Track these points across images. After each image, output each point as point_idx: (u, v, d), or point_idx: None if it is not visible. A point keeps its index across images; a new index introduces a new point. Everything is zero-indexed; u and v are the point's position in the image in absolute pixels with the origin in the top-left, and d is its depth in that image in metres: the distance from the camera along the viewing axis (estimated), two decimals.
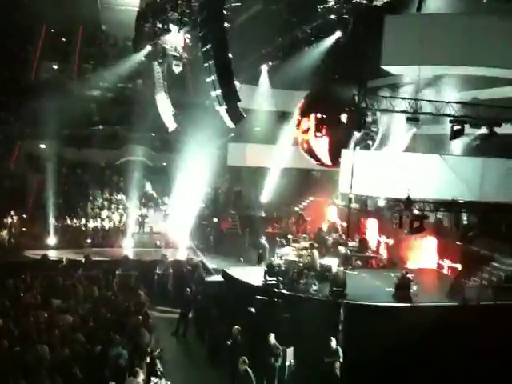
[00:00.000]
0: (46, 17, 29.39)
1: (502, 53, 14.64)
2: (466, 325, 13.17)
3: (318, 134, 20.98)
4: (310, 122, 21.29)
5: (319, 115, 21.08)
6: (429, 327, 13.23)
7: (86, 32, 31.43)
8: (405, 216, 14.92)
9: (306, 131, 21.56)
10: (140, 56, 25.78)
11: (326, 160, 21.14)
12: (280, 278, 15.44)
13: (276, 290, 15.09)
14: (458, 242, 17.39)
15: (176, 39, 23.15)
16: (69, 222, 23.39)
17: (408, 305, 14.20)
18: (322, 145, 21.26)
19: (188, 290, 16.46)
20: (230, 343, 12.81)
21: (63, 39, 31.49)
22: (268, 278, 15.54)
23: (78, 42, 31.43)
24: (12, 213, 23.28)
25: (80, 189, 26.97)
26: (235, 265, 17.78)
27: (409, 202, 14.70)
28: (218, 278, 17.24)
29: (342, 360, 12.50)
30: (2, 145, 27.65)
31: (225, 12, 18.17)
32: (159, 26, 22.41)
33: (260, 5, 21.06)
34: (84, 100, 29.16)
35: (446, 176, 15.37)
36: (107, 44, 32.06)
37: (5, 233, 21.59)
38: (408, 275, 14.80)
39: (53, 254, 19.30)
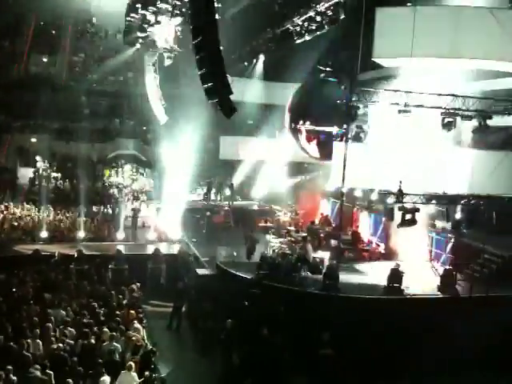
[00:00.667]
0: (35, 9, 29.15)
1: (491, 45, 14.68)
2: (457, 316, 13.30)
3: (308, 143, 21.51)
4: (301, 128, 21.56)
5: (309, 125, 21.26)
6: (420, 319, 13.38)
7: (76, 24, 31.18)
8: (396, 208, 15.00)
9: (298, 132, 21.78)
10: (130, 48, 25.65)
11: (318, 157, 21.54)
12: (273, 271, 15.47)
13: (269, 282, 15.11)
14: (449, 235, 17.49)
15: (167, 31, 23.04)
16: (60, 216, 23.24)
17: (400, 297, 14.28)
18: (312, 149, 21.77)
19: (181, 283, 16.47)
20: (223, 336, 12.83)
21: (53, 32, 31.19)
22: (261, 271, 15.57)
23: (68, 35, 31.17)
24: (2, 207, 23.18)
25: (71, 182, 26.82)
26: (228, 258, 17.76)
27: (400, 195, 14.76)
28: (211, 271, 17.22)
29: (334, 352, 12.56)
30: None
31: (216, 4, 18.11)
32: (150, 17, 22.28)
33: None
34: (74, 93, 29.01)
35: (437, 169, 15.42)
36: (97, 36, 31.82)
37: None
38: (400, 268, 14.86)
39: (45, 249, 19.19)
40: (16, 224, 21.88)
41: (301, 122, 21.78)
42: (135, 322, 12.66)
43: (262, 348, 12.42)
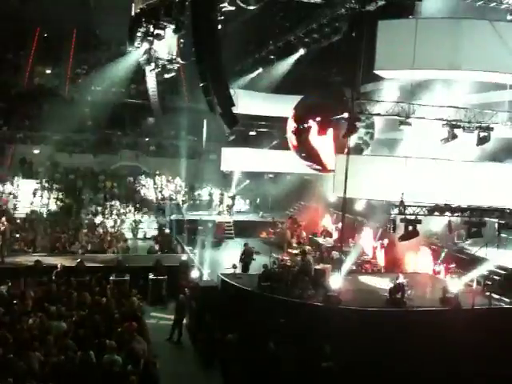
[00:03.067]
0: (39, 21, 29.41)
1: (493, 57, 14.75)
2: (460, 329, 13.20)
3: (321, 135, 20.92)
4: (311, 124, 21.31)
5: (320, 118, 21.10)
6: (423, 332, 13.28)
7: (80, 37, 31.43)
8: (398, 220, 14.96)
9: (307, 132, 21.54)
10: (133, 61, 25.81)
11: (330, 162, 20.85)
12: (275, 283, 15.41)
13: (270, 294, 15.04)
14: (451, 247, 17.43)
15: (169, 44, 23.20)
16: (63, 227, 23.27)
17: (402, 309, 14.19)
18: (326, 145, 21.27)
19: (182, 295, 16.40)
20: (223, 349, 12.75)
21: (56, 44, 31.44)
22: (263, 282, 15.51)
23: (71, 47, 31.42)
24: (3, 219, 23.19)
25: (74, 194, 26.89)
26: (230, 270, 17.70)
27: (402, 206, 14.73)
28: (213, 283, 17.17)
29: (336, 365, 12.47)
30: None
31: (218, 17, 18.26)
32: (152, 30, 22.44)
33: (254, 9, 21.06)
34: (77, 105, 29.16)
35: (439, 180, 15.40)
36: (100, 49, 32.08)
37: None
38: (402, 280, 14.79)
39: (46, 260, 19.14)
40: (18, 235, 21.87)
41: (310, 120, 21.60)
42: (136, 333, 12.58)
43: (267, 361, 12.33)
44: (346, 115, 18.70)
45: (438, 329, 13.29)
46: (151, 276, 18.97)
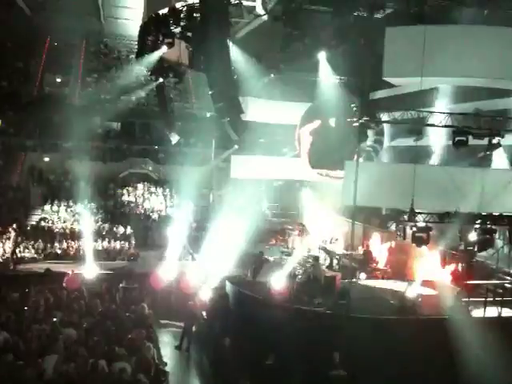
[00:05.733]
0: (49, 30, 29.72)
1: (502, 64, 14.69)
2: (469, 338, 13.09)
3: None
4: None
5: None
6: (433, 340, 13.19)
7: (89, 45, 31.70)
8: (408, 228, 14.88)
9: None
10: (143, 69, 25.96)
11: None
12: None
13: (280, 302, 15.00)
14: (462, 254, 17.30)
15: (178, 52, 23.32)
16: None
17: (412, 317, 14.10)
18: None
19: (191, 303, 16.41)
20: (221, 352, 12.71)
21: (66, 53, 31.73)
22: (271, 290, 15.47)
23: (81, 55, 31.70)
24: (14, 225, 23.36)
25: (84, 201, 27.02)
26: (239, 277, 17.73)
27: (412, 214, 14.66)
28: (222, 290, 17.15)
29: (345, 373, 12.41)
30: (4, 157, 27.82)
31: (227, 25, 18.35)
32: (162, 38, 22.58)
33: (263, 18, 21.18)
34: (87, 113, 29.33)
35: (448, 187, 15.31)
36: (110, 57, 32.34)
37: (8, 245, 21.57)
38: (413, 287, 14.71)
39: (56, 267, 19.25)
40: (28, 242, 22.02)
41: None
42: (146, 341, 12.59)
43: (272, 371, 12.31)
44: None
45: (448, 337, 13.18)
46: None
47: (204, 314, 16.33)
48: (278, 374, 12.38)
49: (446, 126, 15.65)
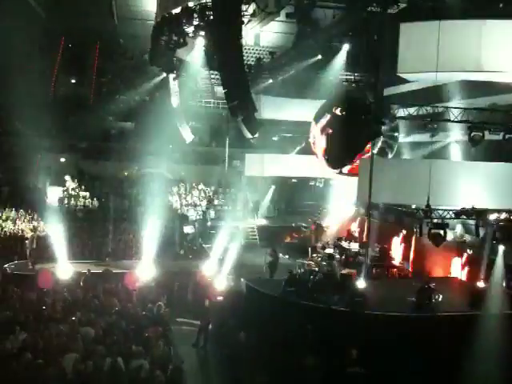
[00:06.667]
0: (63, 31, 29.93)
1: None
2: (489, 334, 12.98)
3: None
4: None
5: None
6: (451, 337, 13.09)
7: (103, 46, 31.85)
8: (424, 224, 14.79)
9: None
10: (156, 69, 26.07)
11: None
12: (300, 289, 15.35)
13: (296, 300, 14.99)
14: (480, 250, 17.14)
15: (192, 51, 23.37)
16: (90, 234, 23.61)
17: (430, 314, 14.00)
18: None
19: (207, 301, 16.45)
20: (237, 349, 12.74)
21: (81, 53, 31.91)
22: (287, 288, 15.47)
23: (95, 56, 31.87)
24: (32, 226, 23.60)
25: (99, 201, 27.25)
26: (255, 275, 17.72)
27: (428, 210, 14.56)
28: (238, 288, 17.18)
29: (363, 370, 12.37)
30: (21, 158, 28.09)
31: (240, 23, 18.33)
32: (175, 38, 22.64)
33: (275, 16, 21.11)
34: (102, 113, 29.53)
35: (466, 183, 15.18)
36: (124, 58, 32.44)
37: (27, 245, 21.79)
38: (430, 284, 14.61)
39: (74, 267, 19.41)
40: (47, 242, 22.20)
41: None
42: (162, 339, 12.66)
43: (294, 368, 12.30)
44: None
45: (468, 334, 13.07)
46: (177, 282, 19.10)
47: (220, 311, 16.36)
48: (293, 370, 12.37)
49: (461, 122, 15.53)
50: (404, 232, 19.99)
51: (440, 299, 14.43)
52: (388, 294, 15.96)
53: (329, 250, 19.95)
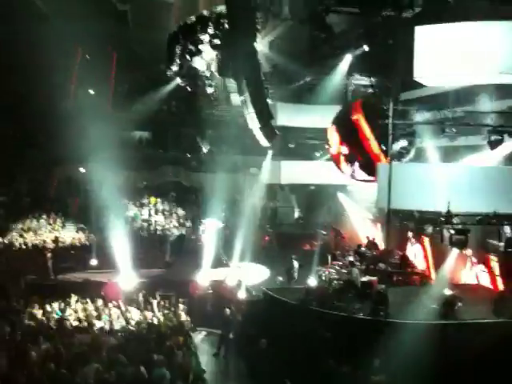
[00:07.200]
0: (80, 42, 30.33)
1: None
2: None
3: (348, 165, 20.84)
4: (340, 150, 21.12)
5: (346, 149, 20.76)
6: (475, 344, 12.89)
7: (120, 56, 32.17)
8: (446, 230, 14.59)
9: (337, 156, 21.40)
10: (173, 78, 26.26)
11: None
12: (320, 296, 15.26)
13: (316, 308, 14.91)
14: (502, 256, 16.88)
15: (207, 59, 23.54)
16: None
17: (453, 322, 13.80)
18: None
19: (227, 310, 16.44)
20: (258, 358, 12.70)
21: (97, 63, 32.28)
22: (308, 296, 15.39)
23: (112, 66, 32.20)
24: (53, 236, 23.87)
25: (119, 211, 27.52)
26: (274, 283, 17.68)
27: (449, 216, 14.36)
28: (258, 296, 17.16)
29: (385, 378, 12.24)
30: (41, 169, 28.47)
31: (255, 31, 18.42)
32: (191, 47, 22.83)
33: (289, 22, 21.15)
34: (120, 123, 29.79)
35: (488, 187, 14.96)
36: (141, 67, 32.73)
37: (48, 255, 22.02)
38: (453, 292, 14.42)
39: (95, 277, 19.58)
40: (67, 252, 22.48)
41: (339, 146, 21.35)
42: (184, 348, 12.70)
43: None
44: None
45: (493, 341, 12.86)
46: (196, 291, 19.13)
47: (240, 320, 16.34)
48: (314, 379, 12.30)
49: (480, 125, 15.36)
50: (425, 238, 19.76)
51: (463, 306, 14.22)
52: (410, 302, 15.76)
53: (349, 258, 19.82)
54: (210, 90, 25.24)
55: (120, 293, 17.38)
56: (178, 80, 25.82)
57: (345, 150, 21.08)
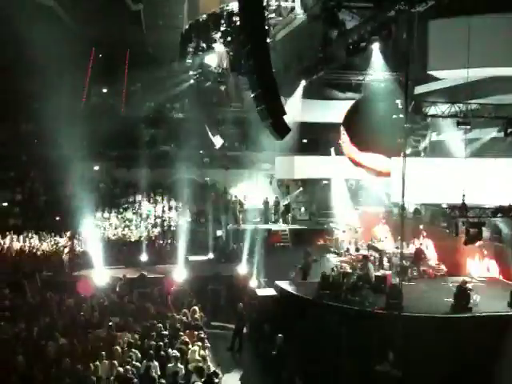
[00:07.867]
0: (93, 42, 30.57)
1: None
2: None
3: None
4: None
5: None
6: (490, 338, 12.78)
7: (133, 55, 32.34)
8: (460, 223, 14.47)
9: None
10: (185, 75, 26.35)
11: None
12: (334, 291, 15.23)
13: (330, 302, 14.89)
14: None
15: (219, 57, 23.58)
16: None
17: (468, 315, 13.70)
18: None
19: (241, 304, 16.47)
20: (274, 353, 12.68)
21: (111, 63, 32.47)
22: (321, 290, 15.38)
23: (125, 65, 32.40)
24: (68, 233, 24.16)
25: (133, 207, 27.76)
26: (287, 279, 17.65)
27: (464, 209, 14.25)
28: (272, 291, 17.17)
29: (400, 373, 12.19)
30: (57, 168, 28.70)
31: (266, 27, 18.38)
32: (203, 45, 22.87)
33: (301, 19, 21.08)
34: (133, 121, 29.97)
35: (502, 180, 14.83)
36: (153, 66, 32.89)
37: (65, 252, 22.26)
38: (467, 285, 14.31)
39: (109, 273, 19.73)
40: (82, 250, 22.69)
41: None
42: (198, 343, 12.75)
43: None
44: None
45: (508, 335, 12.74)
46: (210, 286, 19.20)
47: (254, 314, 16.37)
48: (330, 374, 12.30)
49: (496, 118, 15.20)
50: (439, 231, 19.62)
51: (478, 300, 14.11)
52: (424, 296, 15.70)
53: (362, 252, 19.74)
54: (222, 87, 25.25)
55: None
56: (191, 77, 25.87)
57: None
